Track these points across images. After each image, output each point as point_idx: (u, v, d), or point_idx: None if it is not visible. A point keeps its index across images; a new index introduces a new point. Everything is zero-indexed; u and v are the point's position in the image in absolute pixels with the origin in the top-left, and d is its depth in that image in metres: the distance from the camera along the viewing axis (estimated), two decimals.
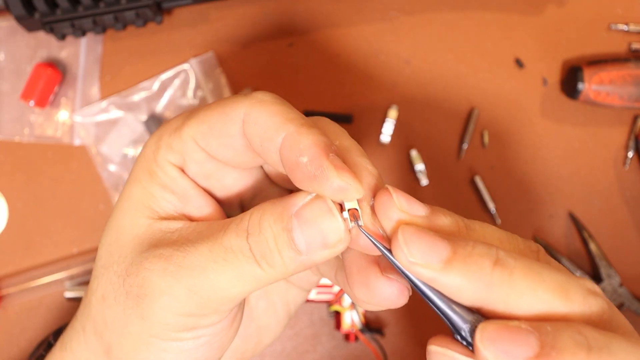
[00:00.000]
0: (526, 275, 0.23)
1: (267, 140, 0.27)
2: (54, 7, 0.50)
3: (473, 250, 0.24)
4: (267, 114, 0.27)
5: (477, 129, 0.56)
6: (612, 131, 0.57)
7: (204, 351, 0.29)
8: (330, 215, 0.26)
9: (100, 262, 0.31)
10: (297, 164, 0.26)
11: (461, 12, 0.57)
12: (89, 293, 0.32)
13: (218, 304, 0.27)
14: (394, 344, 0.55)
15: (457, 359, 0.24)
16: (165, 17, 0.57)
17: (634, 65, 0.54)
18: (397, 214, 0.25)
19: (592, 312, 0.24)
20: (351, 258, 0.28)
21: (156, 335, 0.28)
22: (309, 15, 0.57)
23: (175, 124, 0.31)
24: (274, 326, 0.40)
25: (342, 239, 0.26)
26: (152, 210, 0.30)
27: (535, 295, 0.23)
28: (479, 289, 0.23)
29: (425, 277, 0.24)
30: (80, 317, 0.32)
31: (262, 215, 0.27)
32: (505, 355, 0.22)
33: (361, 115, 0.56)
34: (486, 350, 0.22)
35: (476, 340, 0.22)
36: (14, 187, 0.55)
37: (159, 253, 0.28)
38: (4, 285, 0.54)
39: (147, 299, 0.27)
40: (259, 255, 0.26)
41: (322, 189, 0.25)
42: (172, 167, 0.30)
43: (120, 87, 0.56)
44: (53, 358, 0.34)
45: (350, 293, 0.29)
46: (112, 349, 0.30)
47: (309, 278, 0.39)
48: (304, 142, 0.26)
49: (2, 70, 0.56)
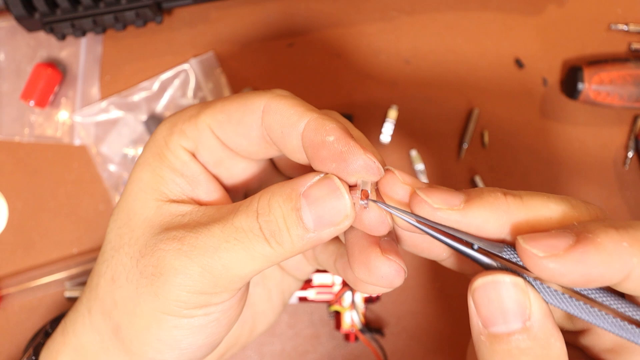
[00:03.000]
0: (533, 196, 0.26)
1: (289, 125, 0.28)
2: (54, 7, 0.50)
3: (482, 191, 0.26)
4: (289, 105, 0.29)
5: (477, 129, 0.56)
6: (612, 131, 0.57)
7: (212, 327, 0.30)
8: (338, 192, 0.27)
9: (110, 245, 0.32)
10: (323, 143, 0.27)
11: (461, 12, 0.57)
12: (95, 276, 0.32)
13: (229, 282, 0.28)
14: (394, 344, 0.55)
15: (507, 278, 0.24)
16: (165, 17, 0.57)
17: (634, 65, 0.54)
18: (402, 188, 0.28)
19: (597, 214, 0.26)
20: (354, 239, 0.30)
21: (168, 312, 0.29)
22: (309, 15, 0.57)
23: (190, 113, 0.32)
24: (269, 313, 0.42)
25: (349, 215, 0.27)
26: (161, 193, 0.31)
27: (548, 208, 0.25)
28: (501, 216, 0.25)
29: (452, 219, 0.26)
30: (86, 300, 0.33)
31: (271, 196, 0.28)
32: (551, 248, 0.23)
33: (361, 115, 0.56)
34: (534, 248, 0.23)
35: (520, 245, 0.23)
36: (14, 187, 0.55)
37: (172, 235, 0.29)
38: (4, 285, 0.54)
39: (162, 278, 0.28)
40: (269, 233, 0.27)
41: (347, 166, 0.27)
42: (184, 152, 0.31)
43: (120, 87, 0.56)
44: (54, 343, 0.34)
45: (350, 276, 0.31)
46: (122, 328, 0.30)
47: (304, 268, 0.41)
48: (329, 125, 0.28)
49: (2, 70, 0.56)
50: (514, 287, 0.24)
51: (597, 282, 0.23)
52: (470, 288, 0.25)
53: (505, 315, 0.24)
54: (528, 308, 0.24)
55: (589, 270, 0.22)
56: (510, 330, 0.24)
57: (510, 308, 0.24)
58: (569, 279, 0.23)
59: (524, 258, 0.23)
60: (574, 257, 0.22)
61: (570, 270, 0.23)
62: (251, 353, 0.55)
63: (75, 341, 0.33)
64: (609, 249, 0.22)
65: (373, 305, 0.55)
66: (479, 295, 0.25)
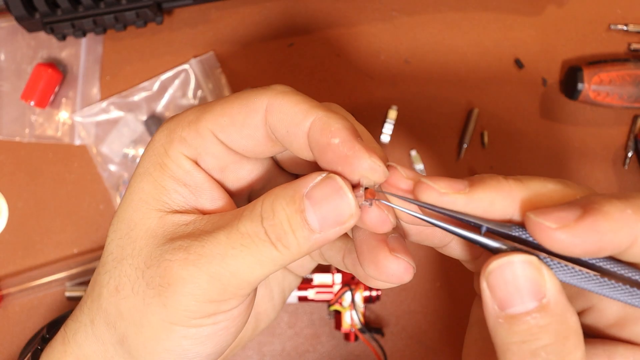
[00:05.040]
0: (531, 179, 0.26)
1: (294, 125, 0.28)
2: (55, 8, 0.50)
3: (483, 176, 0.27)
4: (292, 102, 0.29)
5: (476, 129, 0.56)
6: (612, 131, 0.57)
7: (221, 336, 0.30)
8: (342, 192, 0.27)
9: (112, 256, 0.31)
10: (328, 145, 0.27)
11: (461, 12, 0.57)
12: (97, 287, 0.32)
13: (238, 288, 0.28)
14: (394, 344, 0.55)
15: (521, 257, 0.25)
16: (165, 17, 0.57)
17: (634, 65, 0.54)
18: (406, 183, 0.28)
19: (591, 192, 0.26)
20: (362, 238, 0.30)
21: (177, 323, 0.29)
22: (309, 15, 0.57)
23: (189, 118, 0.31)
24: (270, 311, 0.42)
25: (354, 214, 0.27)
26: (164, 204, 0.30)
27: (547, 188, 0.26)
28: (505, 197, 0.26)
29: (459, 203, 0.26)
30: (87, 310, 0.32)
31: (274, 199, 0.28)
32: (562, 220, 0.23)
33: (361, 116, 0.56)
34: (546, 221, 0.23)
35: (532, 219, 0.24)
36: (15, 187, 0.55)
37: (177, 245, 0.29)
38: (4, 285, 0.54)
39: (170, 288, 0.28)
40: (275, 237, 0.27)
41: (353, 169, 0.27)
42: (186, 160, 0.31)
43: (120, 87, 0.56)
44: (54, 352, 0.34)
45: (360, 272, 0.31)
46: (128, 339, 0.30)
47: (306, 265, 0.41)
48: (334, 125, 0.27)
49: (3, 71, 0.56)
50: (529, 265, 0.24)
51: (607, 249, 0.23)
52: (485, 272, 0.25)
53: (523, 295, 0.24)
54: (543, 285, 0.24)
55: (600, 238, 0.23)
56: (528, 309, 0.24)
57: (527, 287, 0.24)
58: (582, 248, 0.23)
59: (536, 232, 0.24)
60: (585, 226, 0.23)
61: (583, 239, 0.23)
62: (251, 353, 0.55)
63: (78, 351, 0.32)
64: (616, 216, 0.23)
65: (373, 305, 0.55)
66: (494, 278, 0.25)
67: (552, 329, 0.24)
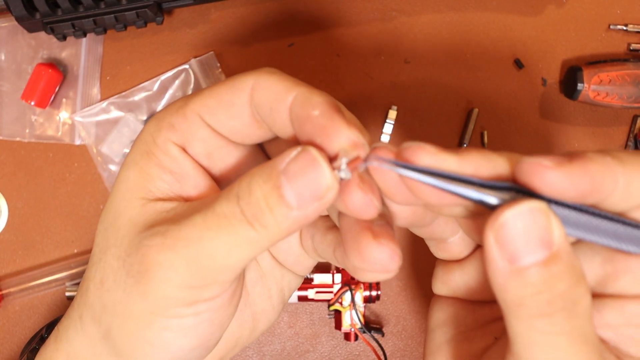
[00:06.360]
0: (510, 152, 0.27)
1: (278, 100, 0.28)
2: (55, 8, 0.50)
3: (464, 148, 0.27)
4: (277, 80, 0.28)
5: (476, 129, 0.56)
6: (612, 131, 0.57)
7: (204, 328, 0.29)
8: (317, 163, 0.26)
9: (98, 248, 0.31)
10: (308, 117, 0.27)
11: (461, 12, 0.57)
12: (85, 281, 0.32)
13: (217, 272, 0.27)
14: (394, 344, 0.55)
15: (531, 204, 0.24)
16: (165, 17, 0.57)
17: (633, 65, 0.54)
18: (389, 153, 0.27)
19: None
20: (347, 226, 0.29)
21: (157, 312, 0.28)
22: (309, 15, 0.57)
23: (177, 105, 0.31)
24: (269, 312, 0.40)
25: (330, 187, 0.26)
26: (148, 191, 0.30)
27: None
28: (491, 161, 0.26)
29: (451, 163, 0.26)
30: (77, 306, 0.32)
31: (251, 178, 0.27)
32: (554, 159, 0.24)
33: (361, 116, 0.56)
34: (542, 160, 0.24)
35: (526, 161, 0.24)
36: (15, 186, 0.56)
37: (155, 230, 0.28)
38: (4, 285, 0.54)
39: (147, 274, 0.27)
40: (251, 216, 0.26)
41: (330, 140, 0.26)
42: (174, 146, 0.30)
43: (120, 88, 0.57)
44: (47, 350, 0.34)
45: (349, 263, 0.30)
46: (112, 332, 0.29)
47: (304, 262, 0.39)
48: (315, 99, 0.27)
49: (3, 71, 0.56)
50: (540, 212, 0.24)
51: (597, 192, 0.24)
52: (493, 226, 0.24)
53: (535, 244, 0.24)
54: (552, 232, 0.24)
55: (592, 179, 0.24)
56: (540, 259, 0.24)
57: (538, 235, 0.24)
58: (576, 189, 0.24)
59: (532, 173, 0.24)
60: (578, 166, 0.24)
61: (577, 180, 0.23)
62: (251, 353, 0.55)
63: (68, 348, 0.32)
64: (600, 160, 0.24)
65: (373, 304, 0.55)
66: (504, 230, 0.24)
67: (565, 276, 0.24)
